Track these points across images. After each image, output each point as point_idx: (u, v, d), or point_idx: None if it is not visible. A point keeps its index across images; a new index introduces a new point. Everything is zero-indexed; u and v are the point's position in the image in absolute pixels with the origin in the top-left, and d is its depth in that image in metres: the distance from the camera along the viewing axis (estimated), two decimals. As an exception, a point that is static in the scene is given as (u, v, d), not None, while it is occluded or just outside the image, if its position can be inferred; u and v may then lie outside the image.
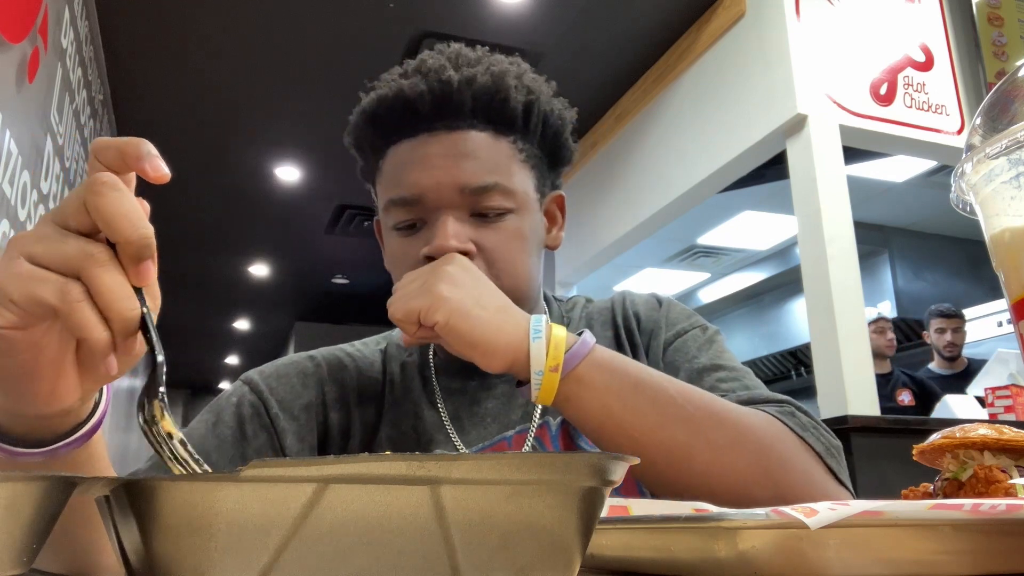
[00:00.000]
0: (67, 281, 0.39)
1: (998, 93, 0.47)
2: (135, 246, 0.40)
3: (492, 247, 0.76)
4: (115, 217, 0.39)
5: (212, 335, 9.40)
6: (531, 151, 0.80)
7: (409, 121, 0.76)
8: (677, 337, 0.84)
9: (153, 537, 0.29)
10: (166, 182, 0.42)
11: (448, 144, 0.75)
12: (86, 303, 0.39)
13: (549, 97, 0.82)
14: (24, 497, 0.29)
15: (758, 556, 0.34)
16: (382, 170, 0.80)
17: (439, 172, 0.74)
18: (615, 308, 0.90)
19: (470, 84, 0.75)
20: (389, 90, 0.77)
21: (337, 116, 4.70)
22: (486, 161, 0.76)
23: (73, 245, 0.40)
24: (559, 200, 0.87)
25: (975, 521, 0.34)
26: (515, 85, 0.78)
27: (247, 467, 0.27)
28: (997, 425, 0.53)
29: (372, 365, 0.87)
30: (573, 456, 0.32)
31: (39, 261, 0.39)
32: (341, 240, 6.13)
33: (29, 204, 2.32)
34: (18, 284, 0.39)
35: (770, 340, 6.23)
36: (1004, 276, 0.44)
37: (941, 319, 3.84)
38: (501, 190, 0.76)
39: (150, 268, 0.41)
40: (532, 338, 0.65)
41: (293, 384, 0.82)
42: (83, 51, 3.15)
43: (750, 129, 3.24)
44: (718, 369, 0.78)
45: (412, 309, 0.65)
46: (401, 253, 0.78)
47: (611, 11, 3.52)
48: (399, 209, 0.77)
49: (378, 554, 0.28)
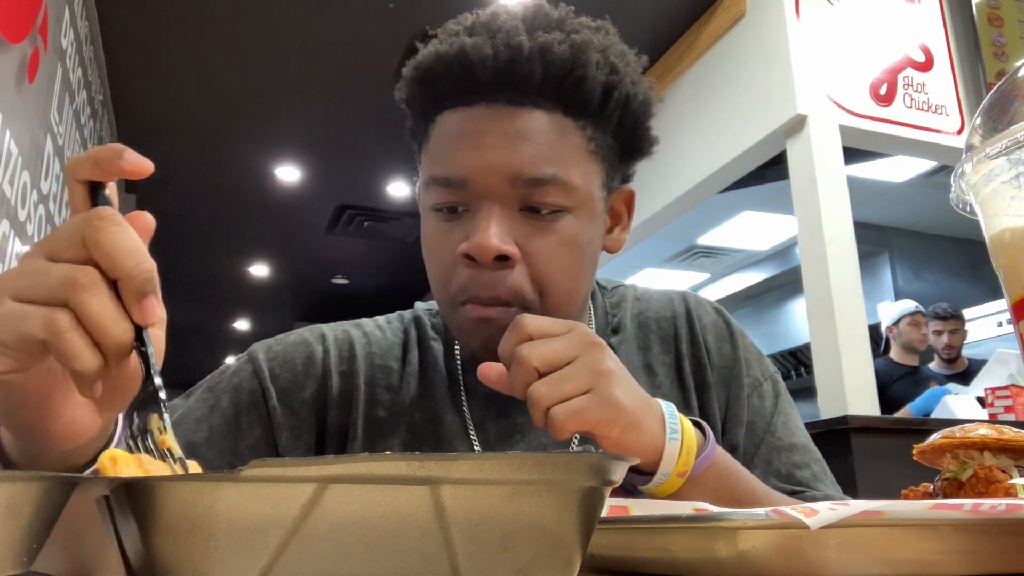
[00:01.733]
0: (53, 311, 0.37)
1: (998, 93, 0.47)
2: (137, 281, 0.38)
3: (538, 253, 0.66)
4: (115, 252, 0.38)
5: (212, 335, 9.40)
6: (603, 140, 0.70)
7: (467, 87, 0.66)
8: (753, 390, 0.79)
9: (153, 537, 0.29)
10: (150, 173, 0.41)
11: (506, 122, 0.65)
12: (75, 331, 0.37)
13: (636, 78, 0.71)
14: (24, 497, 0.29)
15: (758, 556, 0.34)
16: (429, 137, 0.70)
17: (491, 154, 0.65)
18: (678, 324, 0.81)
19: (543, 54, 0.64)
20: (450, 47, 0.66)
21: (337, 116, 4.68)
22: (547, 148, 0.65)
23: (56, 274, 0.38)
24: (627, 196, 0.77)
25: (975, 521, 0.34)
26: (597, 61, 0.66)
27: (247, 467, 0.27)
28: (997, 425, 0.53)
29: (390, 350, 0.79)
30: (573, 456, 0.32)
31: (24, 297, 0.38)
32: (341, 240, 6.13)
33: (29, 204, 2.32)
34: (5, 324, 0.37)
35: (770, 340, 6.22)
36: (1004, 276, 0.44)
37: (937, 321, 3.80)
38: (559, 185, 0.66)
39: (153, 304, 0.39)
40: (668, 439, 0.59)
41: (297, 373, 0.75)
42: (83, 51, 3.14)
43: (750, 129, 3.24)
44: (793, 451, 0.77)
45: (588, 421, 0.56)
46: (436, 239, 0.69)
47: (611, 11, 3.51)
48: (441, 189, 0.67)
49: (378, 554, 0.28)
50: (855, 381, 2.72)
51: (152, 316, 0.39)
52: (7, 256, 2.11)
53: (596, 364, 0.57)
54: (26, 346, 0.37)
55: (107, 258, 0.38)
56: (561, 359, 0.57)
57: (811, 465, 0.78)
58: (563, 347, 0.58)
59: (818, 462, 0.79)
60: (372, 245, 6.32)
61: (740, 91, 3.33)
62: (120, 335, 0.38)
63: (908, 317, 3.77)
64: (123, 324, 0.38)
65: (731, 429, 0.78)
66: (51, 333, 0.37)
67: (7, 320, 0.37)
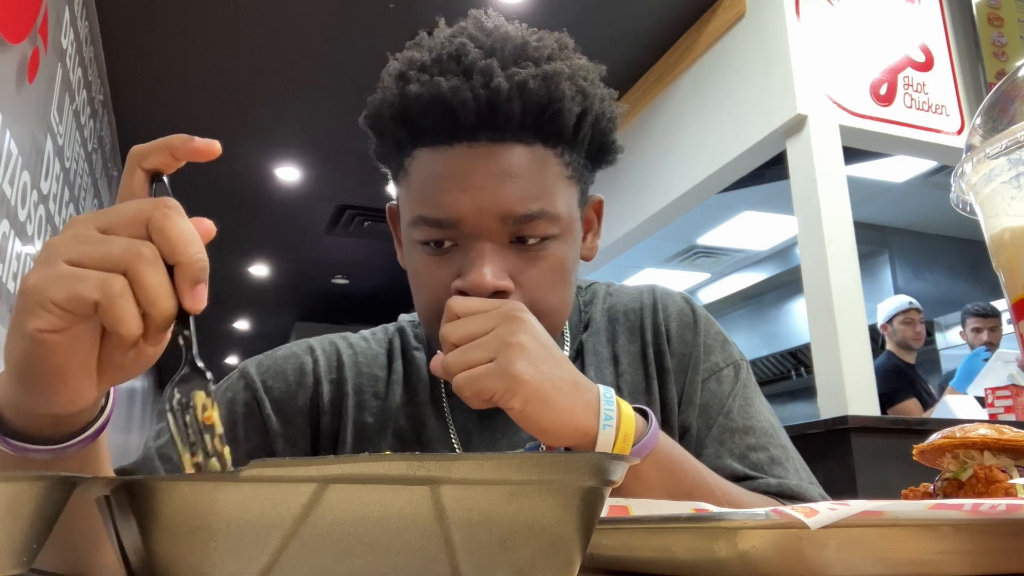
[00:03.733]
0: (108, 275, 0.39)
1: (998, 93, 0.47)
2: (196, 267, 0.41)
3: (532, 283, 0.69)
4: (179, 239, 0.41)
5: (212, 335, 9.40)
6: (578, 162, 0.73)
7: (448, 128, 0.67)
8: (712, 374, 0.81)
9: (153, 537, 0.29)
10: (218, 155, 0.45)
11: (491, 161, 0.67)
12: (128, 298, 0.39)
13: (602, 94, 0.73)
14: (24, 497, 0.29)
15: (758, 556, 0.34)
16: (408, 171, 0.71)
17: (481, 195, 0.66)
18: (644, 315, 0.83)
19: (521, 93, 0.66)
20: (425, 90, 0.67)
21: (337, 116, 4.68)
22: (532, 184, 0.68)
23: (118, 244, 0.40)
24: (597, 206, 0.81)
25: (975, 521, 0.34)
26: (570, 93, 0.69)
27: (247, 467, 0.27)
28: (997, 425, 0.53)
29: (376, 359, 0.82)
30: (573, 456, 0.32)
31: (80, 263, 0.40)
32: (341, 240, 6.13)
33: (29, 204, 2.32)
34: (59, 283, 0.39)
35: (770, 340, 6.23)
36: (1004, 276, 0.44)
37: (977, 319, 3.66)
38: (547, 217, 0.68)
39: (204, 292, 0.42)
40: (602, 425, 0.61)
41: (289, 383, 0.78)
42: (83, 51, 3.15)
43: (750, 129, 3.24)
44: (749, 433, 0.77)
45: (484, 390, 0.59)
46: (426, 273, 0.71)
47: (611, 11, 3.52)
48: (431, 228, 0.69)
49: (378, 554, 0.28)
50: (855, 381, 2.72)
51: (202, 302, 0.42)
52: (7, 256, 2.11)
53: (506, 336, 0.60)
54: (76, 306, 0.39)
55: (169, 243, 0.41)
56: (478, 333, 0.60)
57: (769, 448, 0.77)
58: (481, 323, 0.61)
59: (780, 447, 0.78)
60: (372, 245, 6.33)
61: (740, 91, 3.33)
62: (168, 309, 0.40)
63: (901, 315, 3.72)
64: (172, 300, 0.41)
65: (684, 411, 0.80)
66: (105, 295, 0.39)
67: (61, 280, 0.40)
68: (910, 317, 3.74)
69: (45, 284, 0.40)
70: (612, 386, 0.78)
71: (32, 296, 0.40)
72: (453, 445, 0.77)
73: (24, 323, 0.40)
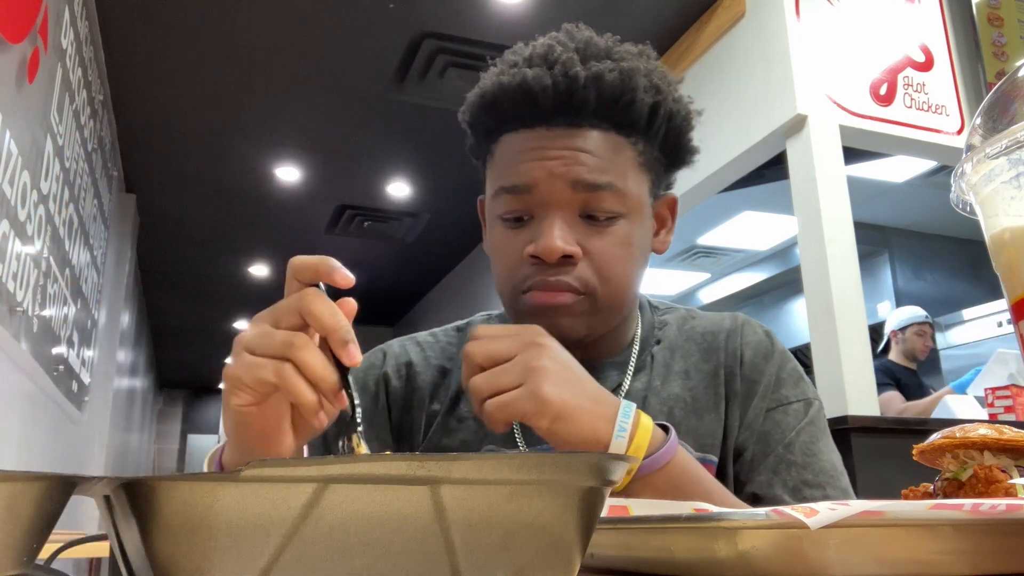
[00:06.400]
0: (279, 363, 0.51)
1: (998, 93, 0.47)
2: (342, 332, 0.51)
3: (598, 252, 0.74)
4: (322, 316, 0.51)
5: (212, 335, 9.39)
6: (651, 153, 0.78)
7: (528, 112, 0.75)
8: (779, 405, 0.81)
9: (153, 537, 0.29)
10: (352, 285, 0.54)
11: (566, 139, 0.74)
12: (298, 376, 0.50)
13: (677, 96, 0.79)
14: (24, 497, 0.29)
15: (758, 556, 0.34)
16: (494, 154, 0.79)
17: (554, 164, 0.73)
18: (722, 338, 0.85)
19: (596, 82, 0.73)
20: (512, 78, 0.74)
21: (337, 116, 4.67)
22: (603, 160, 0.74)
23: (280, 337, 0.51)
24: (671, 203, 0.85)
25: (975, 521, 0.34)
26: (644, 86, 0.75)
27: (247, 467, 0.27)
28: (997, 425, 0.53)
29: (444, 352, 0.88)
30: (573, 456, 0.32)
31: (256, 352, 0.52)
32: (341, 240, 6.13)
33: (29, 204, 2.32)
34: (246, 371, 0.52)
35: (770, 340, 6.21)
36: (1004, 276, 0.44)
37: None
38: (614, 192, 0.74)
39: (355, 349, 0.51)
40: (615, 435, 0.64)
41: (369, 391, 0.86)
42: (83, 51, 3.14)
43: (750, 129, 3.24)
44: (807, 469, 0.76)
45: (516, 412, 0.62)
46: (505, 245, 0.77)
47: (611, 11, 3.52)
48: (509, 197, 0.75)
49: (378, 554, 0.28)
50: (855, 381, 2.71)
51: (356, 357, 0.51)
52: (7, 256, 2.11)
53: (531, 361, 0.64)
54: (260, 386, 0.52)
55: (316, 320, 0.51)
56: (502, 356, 0.65)
57: (825, 488, 0.76)
58: (505, 346, 0.65)
59: (839, 490, 0.76)
60: (372, 245, 6.33)
61: (740, 91, 3.33)
62: (329, 377, 0.51)
63: (916, 326, 3.78)
64: (330, 370, 0.51)
65: (742, 434, 0.80)
66: (280, 378, 0.50)
67: (247, 368, 0.52)
68: (923, 330, 3.81)
69: (237, 372, 0.52)
70: (679, 398, 0.80)
71: (230, 381, 0.53)
72: (515, 437, 0.80)
73: (228, 401, 0.54)
